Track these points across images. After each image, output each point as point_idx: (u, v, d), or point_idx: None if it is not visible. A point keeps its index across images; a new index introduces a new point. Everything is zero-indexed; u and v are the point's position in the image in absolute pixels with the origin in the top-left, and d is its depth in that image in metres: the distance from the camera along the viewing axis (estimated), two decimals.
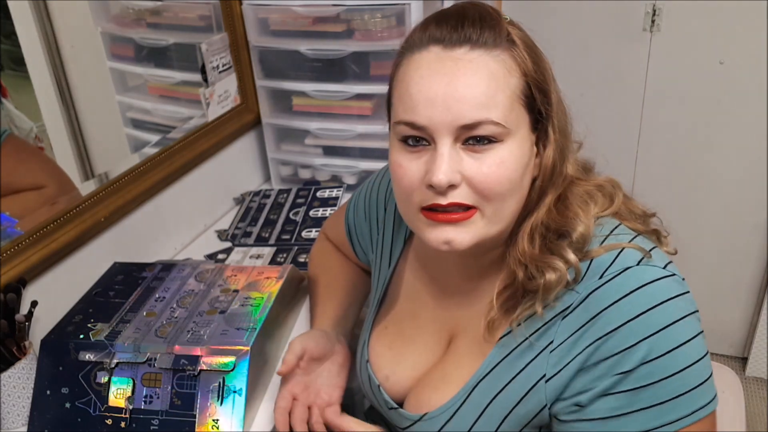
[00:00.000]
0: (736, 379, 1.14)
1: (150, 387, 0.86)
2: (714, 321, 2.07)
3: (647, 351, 0.61)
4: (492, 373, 0.70)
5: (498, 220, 0.66)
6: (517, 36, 0.66)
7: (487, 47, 0.63)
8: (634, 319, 0.62)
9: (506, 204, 0.66)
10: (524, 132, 0.66)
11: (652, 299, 0.62)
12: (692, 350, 0.62)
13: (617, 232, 0.69)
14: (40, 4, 1.04)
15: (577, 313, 0.65)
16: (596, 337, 0.63)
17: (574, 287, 0.65)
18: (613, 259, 0.65)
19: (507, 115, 0.63)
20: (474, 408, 0.71)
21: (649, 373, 0.62)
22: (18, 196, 1.01)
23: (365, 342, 0.87)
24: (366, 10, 1.36)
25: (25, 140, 1.04)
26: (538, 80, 0.66)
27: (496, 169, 0.63)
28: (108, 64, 1.24)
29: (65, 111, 1.11)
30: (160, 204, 1.30)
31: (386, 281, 0.89)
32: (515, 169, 0.64)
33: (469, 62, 0.63)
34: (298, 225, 1.40)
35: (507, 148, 0.64)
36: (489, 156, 0.63)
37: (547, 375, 0.66)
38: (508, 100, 0.63)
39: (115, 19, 1.26)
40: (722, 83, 1.78)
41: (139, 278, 1.04)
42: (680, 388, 0.62)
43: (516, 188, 0.66)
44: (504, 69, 0.64)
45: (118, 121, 1.28)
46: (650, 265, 0.64)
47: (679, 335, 0.62)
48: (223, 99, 1.46)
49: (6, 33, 0.99)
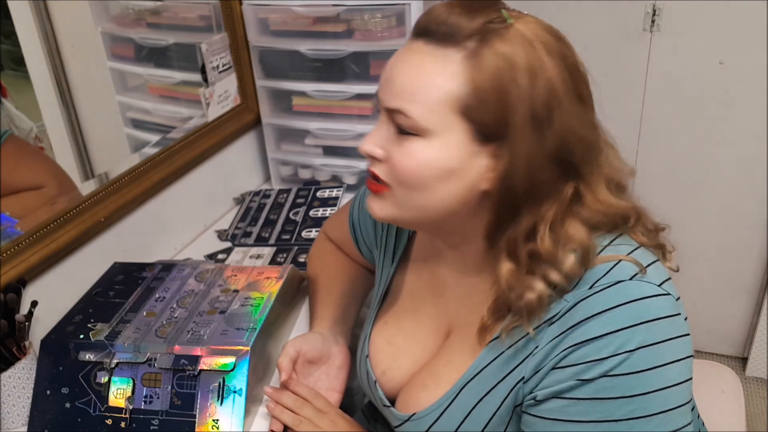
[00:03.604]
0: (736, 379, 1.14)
1: (150, 387, 0.86)
2: (714, 321, 2.06)
3: (614, 365, 0.60)
4: (479, 376, 0.70)
5: (407, 208, 0.68)
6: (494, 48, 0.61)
7: (440, 44, 0.63)
8: (613, 332, 0.60)
9: (414, 196, 0.66)
10: (455, 138, 0.63)
11: (638, 316, 0.61)
12: (669, 374, 0.60)
13: (618, 243, 0.67)
14: (40, 4, 1.04)
15: (562, 320, 0.64)
16: (572, 344, 0.62)
17: (563, 296, 0.64)
18: (607, 271, 0.64)
19: (426, 114, 0.63)
20: (461, 409, 0.71)
21: (608, 388, 0.60)
22: (18, 196, 1.01)
23: (366, 337, 0.87)
24: (366, 10, 1.36)
25: (25, 140, 1.05)
26: (488, 97, 0.61)
27: (407, 160, 0.65)
28: (108, 64, 1.24)
29: (65, 111, 1.11)
30: (160, 204, 1.30)
31: (389, 278, 0.89)
32: (428, 168, 0.64)
33: (414, 53, 0.64)
34: (298, 225, 1.40)
35: (425, 145, 0.64)
36: (406, 145, 0.65)
37: (525, 377, 0.66)
38: (435, 100, 0.62)
39: (115, 19, 1.26)
40: (722, 83, 1.78)
41: (139, 278, 1.04)
42: (641, 410, 0.60)
43: (427, 187, 0.65)
44: (445, 71, 0.62)
45: (118, 121, 1.28)
46: (644, 281, 0.63)
47: (657, 357, 0.60)
48: (223, 99, 1.45)
49: (6, 33, 0.99)
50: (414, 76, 0.63)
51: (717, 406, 1.07)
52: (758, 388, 2.03)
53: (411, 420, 0.76)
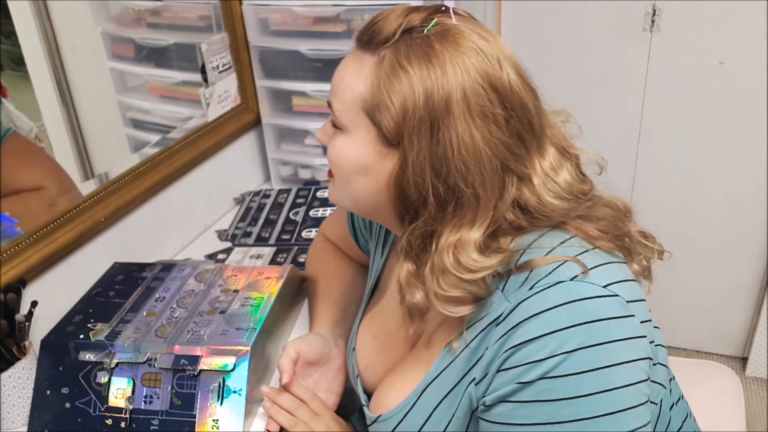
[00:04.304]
0: (736, 379, 1.14)
1: (150, 387, 0.86)
2: (714, 321, 2.06)
3: (552, 367, 0.59)
4: (439, 377, 0.70)
5: (344, 196, 0.74)
6: (398, 61, 0.64)
7: (361, 50, 0.69)
8: (551, 333, 0.59)
9: (344, 185, 0.73)
10: (364, 137, 0.68)
11: (577, 317, 0.59)
12: (611, 376, 0.59)
13: (569, 244, 0.66)
14: (40, 4, 1.04)
15: (505, 321, 0.63)
16: (512, 345, 0.61)
17: (506, 296, 0.64)
18: (549, 272, 0.63)
19: (343, 111, 0.69)
20: (422, 411, 0.71)
21: (548, 389, 0.59)
22: (18, 196, 1.01)
23: (355, 330, 0.88)
24: (366, 10, 1.36)
25: (27, 140, 1.04)
26: (383, 101, 0.65)
27: (332, 151, 0.72)
28: (108, 64, 1.24)
29: (65, 111, 1.11)
30: (160, 204, 1.30)
31: (378, 270, 0.90)
32: (345, 163, 0.70)
33: (349, 56, 0.71)
34: (298, 225, 1.40)
35: (343, 139, 0.70)
36: (334, 138, 0.72)
37: (476, 379, 0.66)
38: (349, 99, 0.68)
39: (115, 19, 1.26)
40: (722, 83, 1.78)
41: (139, 278, 1.04)
42: (584, 412, 0.59)
43: (346, 178, 0.71)
44: (360, 74, 0.68)
45: (118, 121, 1.28)
46: (585, 281, 0.62)
47: (597, 358, 0.59)
48: (223, 99, 1.46)
49: (6, 33, 0.99)
50: (339, 76, 0.70)
51: (717, 406, 1.07)
52: (758, 388, 2.03)
53: (378, 421, 0.77)
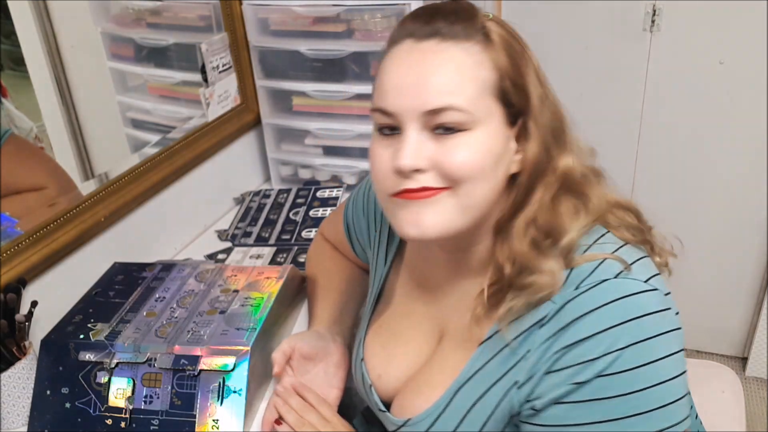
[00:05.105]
0: (736, 379, 1.14)
1: (150, 387, 0.86)
2: (714, 321, 2.06)
3: (608, 364, 0.60)
4: (474, 379, 0.70)
5: (469, 203, 0.66)
6: (496, 32, 0.66)
7: (456, 40, 0.65)
8: (603, 332, 0.61)
9: (477, 188, 0.65)
10: (496, 124, 0.66)
11: (626, 313, 0.61)
12: (662, 369, 0.61)
13: (603, 241, 0.67)
14: (40, 4, 1.04)
15: (551, 323, 0.64)
16: (562, 346, 0.62)
17: (551, 297, 0.65)
18: (592, 270, 0.64)
19: (473, 103, 0.64)
20: (457, 412, 0.71)
21: (605, 387, 0.60)
22: (18, 197, 1.01)
23: (361, 340, 0.87)
24: (366, 10, 1.36)
25: (26, 140, 1.04)
26: (513, 76, 0.66)
27: (464, 154, 0.64)
28: (108, 64, 1.24)
29: (65, 111, 1.11)
30: (160, 204, 1.30)
31: (382, 279, 0.89)
32: (484, 157, 0.65)
33: (437, 53, 0.65)
34: (298, 225, 1.40)
35: (474, 136, 0.65)
36: (457, 142, 0.64)
37: (519, 382, 0.66)
38: (476, 89, 0.64)
39: (115, 19, 1.26)
40: (722, 83, 1.78)
41: (139, 278, 1.04)
42: (640, 407, 0.60)
43: (486, 176, 0.65)
44: (473, 61, 0.65)
45: (118, 121, 1.28)
46: (629, 278, 0.63)
47: (648, 353, 0.60)
48: (223, 99, 1.46)
49: (6, 33, 0.99)
50: (451, 72, 0.64)
51: (717, 406, 1.07)
52: (758, 388, 2.03)
53: (407, 425, 0.76)
